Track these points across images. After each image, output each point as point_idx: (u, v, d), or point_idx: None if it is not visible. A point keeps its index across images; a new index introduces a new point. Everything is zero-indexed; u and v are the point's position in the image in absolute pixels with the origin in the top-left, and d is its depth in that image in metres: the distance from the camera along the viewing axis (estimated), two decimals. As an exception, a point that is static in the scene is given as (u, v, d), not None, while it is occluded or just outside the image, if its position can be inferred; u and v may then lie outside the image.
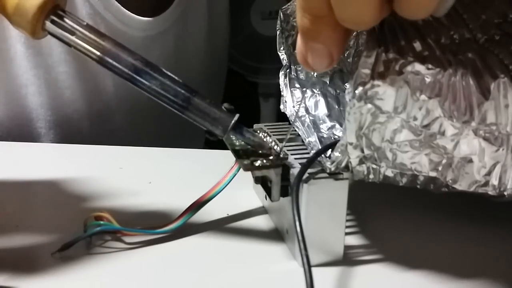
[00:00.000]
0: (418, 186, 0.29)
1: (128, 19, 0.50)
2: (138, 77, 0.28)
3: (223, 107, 0.29)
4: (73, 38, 0.28)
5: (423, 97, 0.25)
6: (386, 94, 0.25)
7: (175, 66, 0.56)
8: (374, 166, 0.27)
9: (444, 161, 0.27)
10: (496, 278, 0.29)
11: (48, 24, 0.28)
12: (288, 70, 0.38)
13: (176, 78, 0.29)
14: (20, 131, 0.52)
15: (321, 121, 0.36)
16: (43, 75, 0.51)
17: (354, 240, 0.32)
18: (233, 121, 0.29)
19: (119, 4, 0.49)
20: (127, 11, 0.50)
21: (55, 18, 0.28)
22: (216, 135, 0.29)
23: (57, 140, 0.53)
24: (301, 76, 0.39)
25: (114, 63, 0.28)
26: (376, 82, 0.24)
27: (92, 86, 0.53)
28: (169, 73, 0.29)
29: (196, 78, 0.59)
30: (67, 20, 0.28)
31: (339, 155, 0.27)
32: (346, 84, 0.39)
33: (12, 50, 0.49)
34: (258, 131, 0.34)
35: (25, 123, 0.52)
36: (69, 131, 0.54)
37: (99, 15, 0.49)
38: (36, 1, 0.27)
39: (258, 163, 0.29)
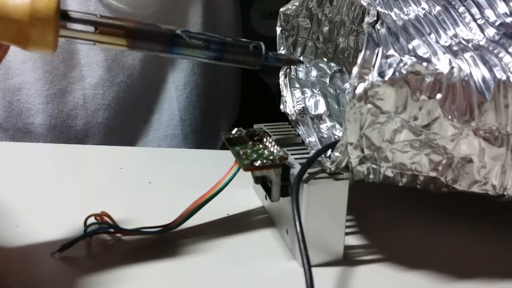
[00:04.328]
0: (418, 186, 0.29)
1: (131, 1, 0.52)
2: (172, 49, 0.28)
3: (251, 46, 0.30)
4: (96, 35, 0.26)
5: (423, 97, 0.25)
6: (386, 94, 0.25)
7: None
8: (374, 166, 0.27)
9: (444, 161, 0.27)
10: (496, 278, 0.29)
11: (66, 28, 0.25)
12: (288, 70, 0.38)
13: (202, 33, 0.29)
14: (20, 107, 0.54)
15: (321, 121, 0.36)
16: None
17: (354, 240, 0.32)
18: (263, 59, 0.30)
19: None
20: None
21: (71, 15, 0.25)
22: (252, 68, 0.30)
23: (55, 114, 0.55)
24: (301, 76, 0.39)
25: (143, 45, 0.27)
26: (376, 82, 0.24)
27: (86, 59, 0.54)
28: (193, 32, 0.29)
29: None
30: (83, 16, 0.26)
31: (339, 155, 0.27)
32: (346, 84, 0.39)
33: None
34: (258, 131, 0.34)
35: (25, 99, 0.54)
36: (66, 104, 0.55)
37: None
38: (50, 2, 0.24)
39: (258, 163, 0.29)
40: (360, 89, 0.25)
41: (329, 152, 0.29)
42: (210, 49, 0.29)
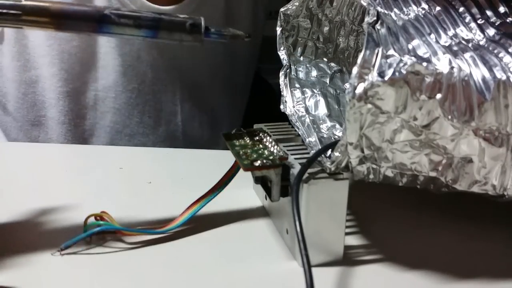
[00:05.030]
0: (418, 186, 0.29)
1: (145, 7, 0.53)
2: (100, 29, 0.28)
3: (187, 24, 0.29)
4: (21, 20, 0.27)
5: (423, 97, 0.25)
6: (386, 94, 0.25)
7: (192, 54, 0.57)
8: (374, 166, 0.27)
9: (444, 161, 0.27)
10: (496, 278, 0.29)
11: None
12: (288, 70, 0.38)
13: (137, 10, 0.29)
14: (34, 99, 0.55)
15: (321, 121, 0.36)
16: (57, 47, 0.53)
17: (354, 240, 0.32)
18: (202, 36, 0.29)
19: None
20: (145, 1, 0.53)
21: None
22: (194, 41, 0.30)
23: (65, 111, 0.55)
24: (301, 76, 0.39)
25: (71, 26, 0.28)
26: (376, 82, 0.24)
27: (102, 62, 0.55)
28: (124, 11, 0.29)
29: (217, 65, 0.60)
30: (6, 2, 0.26)
31: (339, 155, 0.27)
32: (346, 84, 0.39)
33: None
34: (258, 131, 0.34)
35: (40, 92, 0.55)
36: (76, 103, 0.56)
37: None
38: None
39: (258, 163, 0.29)
40: (360, 89, 0.25)
41: (329, 152, 0.29)
42: (142, 27, 0.28)
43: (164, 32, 0.29)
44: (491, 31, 0.29)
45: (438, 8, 0.30)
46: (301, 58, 0.39)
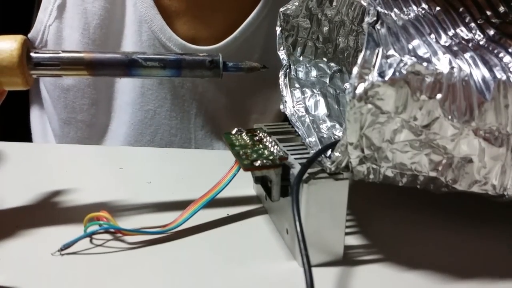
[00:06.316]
0: (418, 186, 0.29)
1: (187, 49, 0.53)
2: (130, 73, 0.31)
3: (207, 61, 0.32)
4: (60, 71, 0.30)
5: (423, 97, 0.25)
6: (386, 94, 0.25)
7: (213, 86, 0.57)
8: (374, 166, 0.27)
9: (444, 161, 0.27)
10: (496, 278, 0.29)
11: (34, 68, 0.30)
12: (288, 70, 0.38)
13: (162, 53, 0.31)
14: (65, 103, 0.55)
15: (321, 121, 0.36)
16: None
17: (354, 240, 0.32)
18: (221, 71, 0.32)
19: (177, 37, 0.52)
20: (186, 43, 0.53)
21: (34, 58, 0.30)
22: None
23: (90, 118, 0.56)
24: (301, 76, 0.39)
25: (103, 72, 0.31)
26: (377, 82, 0.24)
27: (123, 79, 0.56)
28: (150, 54, 0.31)
29: (235, 98, 0.60)
30: (46, 55, 0.30)
31: (339, 155, 0.27)
32: (346, 84, 0.39)
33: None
34: (258, 131, 0.34)
35: (71, 99, 0.56)
36: (101, 111, 0.57)
37: (162, 45, 0.52)
38: (12, 52, 0.28)
39: (258, 163, 0.29)
40: (360, 89, 0.25)
41: (329, 152, 0.29)
42: (167, 68, 0.31)
43: (187, 70, 0.32)
44: (491, 31, 0.29)
45: (438, 8, 0.30)
46: (301, 58, 0.39)
